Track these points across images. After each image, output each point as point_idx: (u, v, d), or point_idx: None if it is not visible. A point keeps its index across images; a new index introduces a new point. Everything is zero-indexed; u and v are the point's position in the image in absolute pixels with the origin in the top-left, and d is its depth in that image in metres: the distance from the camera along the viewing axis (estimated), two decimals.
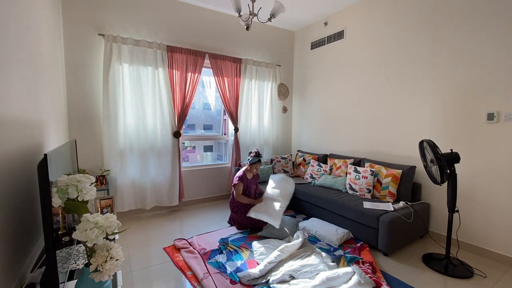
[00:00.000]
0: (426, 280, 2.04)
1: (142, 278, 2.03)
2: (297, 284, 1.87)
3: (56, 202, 1.19)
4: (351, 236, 2.64)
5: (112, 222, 1.22)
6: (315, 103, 4.28)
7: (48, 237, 1.07)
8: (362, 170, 2.99)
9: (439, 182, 2.18)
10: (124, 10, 3.14)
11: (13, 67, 1.33)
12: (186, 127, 3.89)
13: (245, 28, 2.56)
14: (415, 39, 2.86)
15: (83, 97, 2.97)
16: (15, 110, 1.33)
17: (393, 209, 2.52)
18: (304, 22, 4.22)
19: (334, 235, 2.55)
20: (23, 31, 1.51)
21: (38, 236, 1.62)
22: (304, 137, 4.56)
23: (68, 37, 2.85)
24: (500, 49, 2.27)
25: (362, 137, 3.52)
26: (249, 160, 2.93)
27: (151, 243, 2.61)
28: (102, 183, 2.89)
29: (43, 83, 1.93)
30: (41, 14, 1.96)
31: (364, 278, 1.85)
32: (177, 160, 3.50)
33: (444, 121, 2.66)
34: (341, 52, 3.77)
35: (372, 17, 3.32)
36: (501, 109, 2.27)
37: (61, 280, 1.15)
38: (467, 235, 2.53)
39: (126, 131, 3.16)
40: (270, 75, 4.33)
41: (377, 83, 3.28)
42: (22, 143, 1.40)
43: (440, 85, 2.67)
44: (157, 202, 3.46)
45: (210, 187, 4.00)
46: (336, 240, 2.50)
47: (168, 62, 3.36)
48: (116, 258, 1.20)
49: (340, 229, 2.64)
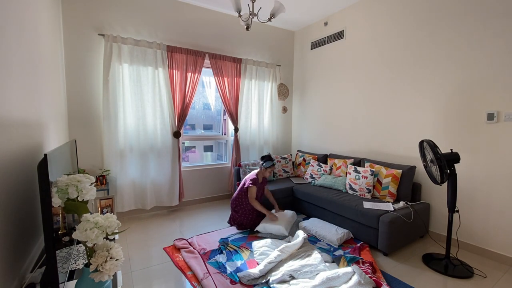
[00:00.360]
0: (426, 280, 2.04)
1: (142, 278, 2.03)
2: (297, 284, 1.87)
3: (56, 202, 1.19)
4: (351, 236, 2.64)
5: (112, 222, 1.22)
6: (315, 103, 4.28)
7: (48, 237, 1.07)
8: (362, 170, 2.99)
9: (439, 182, 2.18)
10: (124, 10, 3.14)
11: (13, 67, 1.33)
12: (187, 127, 3.89)
13: (245, 28, 2.56)
14: (415, 39, 2.86)
15: (83, 97, 2.97)
16: (15, 110, 1.33)
17: (393, 209, 2.52)
18: (304, 22, 4.22)
19: (334, 235, 2.55)
20: (23, 31, 1.51)
21: (38, 236, 1.62)
22: (304, 137, 4.56)
23: (68, 37, 2.85)
24: (500, 49, 2.27)
25: (362, 137, 3.52)
26: (264, 164, 2.96)
27: (151, 243, 2.61)
28: (102, 183, 2.89)
29: (43, 83, 1.93)
30: (41, 14, 1.96)
31: (364, 278, 1.85)
32: (177, 160, 3.50)
33: (444, 121, 2.66)
34: (341, 52, 3.77)
35: (372, 17, 3.32)
36: (501, 109, 2.27)
37: (61, 280, 1.15)
38: (467, 235, 2.53)
39: (126, 131, 3.16)
40: (270, 75, 4.33)
41: (377, 83, 3.28)
42: (22, 143, 1.40)
43: (440, 84, 2.67)
44: (157, 202, 3.46)
45: (210, 187, 4.00)
46: (336, 240, 2.50)
47: (168, 62, 3.36)
48: (116, 258, 1.20)
49: (340, 229, 2.64)
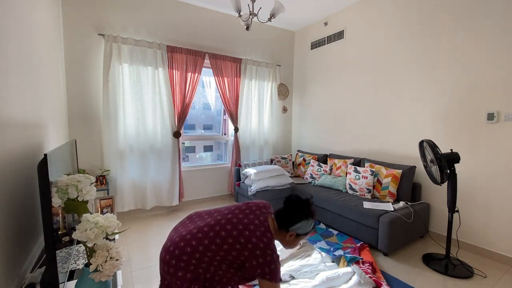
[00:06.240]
0: (426, 280, 2.04)
1: (142, 278, 2.03)
2: (297, 284, 1.87)
3: (56, 202, 1.19)
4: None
5: (112, 222, 1.22)
6: (315, 103, 4.28)
7: (48, 237, 1.07)
8: (362, 170, 2.98)
9: (439, 182, 2.18)
10: (124, 10, 3.13)
11: (13, 67, 1.33)
12: (187, 128, 3.89)
13: (245, 28, 2.56)
14: (415, 39, 2.86)
15: (83, 97, 2.97)
16: (15, 110, 1.33)
17: (393, 209, 2.52)
18: (304, 22, 4.22)
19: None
20: (23, 31, 1.51)
21: (38, 236, 1.62)
22: (304, 137, 4.56)
23: (68, 37, 2.85)
24: (500, 49, 2.27)
25: (362, 137, 3.52)
26: (301, 231, 1.28)
27: (151, 243, 2.61)
28: (102, 183, 2.89)
29: (43, 83, 1.93)
30: (41, 14, 1.96)
31: (364, 278, 1.85)
32: (177, 160, 3.50)
33: (444, 121, 2.66)
34: (341, 52, 3.77)
35: (372, 17, 3.32)
36: (501, 109, 2.27)
37: (61, 280, 1.15)
38: (467, 235, 2.53)
39: (126, 131, 3.16)
40: (270, 75, 4.33)
41: (377, 83, 3.28)
42: (22, 143, 1.40)
43: (440, 84, 2.67)
44: (157, 202, 3.45)
45: (210, 187, 3.99)
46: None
47: (168, 62, 3.36)
48: (116, 258, 1.20)
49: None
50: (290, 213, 1.27)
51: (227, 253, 1.15)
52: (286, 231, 1.27)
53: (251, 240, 1.16)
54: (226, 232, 1.17)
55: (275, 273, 1.14)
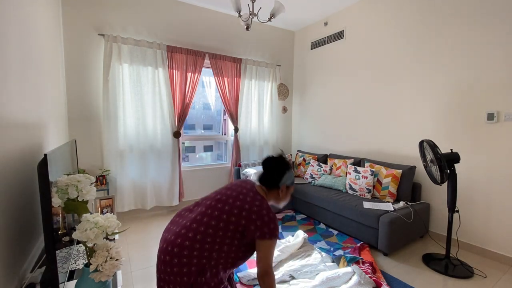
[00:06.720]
0: (426, 280, 2.04)
1: (142, 278, 2.03)
2: (297, 284, 1.87)
3: (56, 202, 1.19)
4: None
5: (112, 222, 1.22)
6: (315, 103, 4.28)
7: (48, 237, 1.06)
8: (362, 170, 2.98)
9: (439, 182, 2.18)
10: (124, 10, 3.13)
11: (13, 67, 1.33)
12: (187, 128, 3.89)
13: (245, 28, 2.56)
14: (415, 39, 2.86)
15: (83, 97, 2.97)
16: (15, 110, 1.33)
17: (393, 209, 2.52)
18: (304, 22, 4.21)
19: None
20: (23, 31, 1.51)
21: (38, 236, 1.62)
22: (304, 137, 4.56)
23: (68, 37, 2.85)
24: (500, 49, 2.27)
25: (362, 137, 3.52)
26: (289, 182, 1.39)
27: (151, 243, 2.61)
28: (102, 183, 2.89)
29: (43, 83, 1.93)
30: (41, 14, 1.96)
31: (364, 278, 1.85)
32: (177, 160, 3.50)
33: (444, 121, 2.66)
34: (341, 52, 3.77)
35: (372, 17, 3.32)
36: (501, 109, 2.27)
37: (61, 280, 1.15)
38: (467, 235, 2.53)
39: (126, 131, 3.16)
40: (270, 75, 4.33)
41: (377, 83, 3.28)
42: (22, 143, 1.40)
43: (440, 84, 2.67)
44: (157, 202, 3.45)
45: (210, 187, 3.99)
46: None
47: (168, 62, 3.36)
48: (116, 258, 1.20)
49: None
50: (272, 172, 1.35)
51: (225, 230, 1.15)
52: (277, 188, 1.34)
53: (244, 207, 1.19)
54: (218, 211, 1.19)
55: (274, 231, 1.17)
